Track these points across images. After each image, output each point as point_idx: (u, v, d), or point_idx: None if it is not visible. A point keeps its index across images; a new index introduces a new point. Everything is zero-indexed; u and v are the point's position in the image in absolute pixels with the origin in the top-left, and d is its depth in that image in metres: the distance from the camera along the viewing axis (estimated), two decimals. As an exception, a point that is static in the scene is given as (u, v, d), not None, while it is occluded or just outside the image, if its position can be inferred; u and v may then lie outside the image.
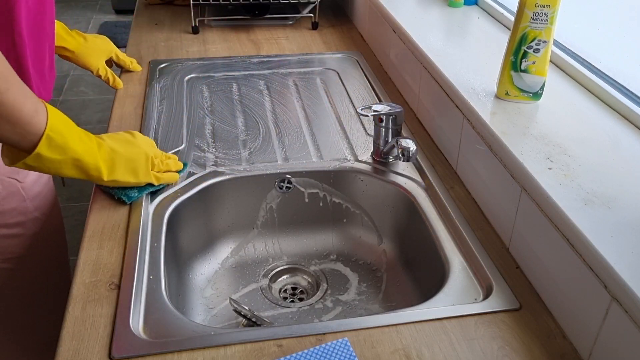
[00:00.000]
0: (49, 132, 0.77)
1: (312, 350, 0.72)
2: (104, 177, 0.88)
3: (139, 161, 0.93)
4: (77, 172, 0.84)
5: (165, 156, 1.01)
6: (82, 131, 0.85)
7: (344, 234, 1.14)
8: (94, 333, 0.74)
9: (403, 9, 1.42)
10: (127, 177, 0.91)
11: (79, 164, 0.83)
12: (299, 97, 1.34)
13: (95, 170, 0.86)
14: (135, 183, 0.94)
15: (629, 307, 0.63)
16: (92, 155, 0.85)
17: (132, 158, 0.92)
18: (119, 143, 0.91)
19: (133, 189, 0.96)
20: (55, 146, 0.79)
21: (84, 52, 1.27)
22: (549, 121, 0.94)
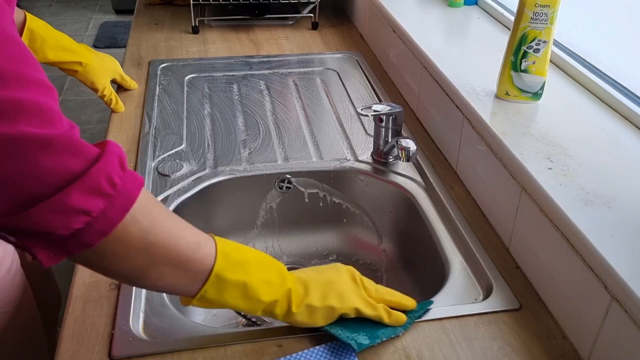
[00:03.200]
0: (218, 270, 0.63)
1: (312, 350, 0.72)
2: (296, 303, 0.69)
3: (342, 281, 0.72)
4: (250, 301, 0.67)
5: (372, 284, 0.76)
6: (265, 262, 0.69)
7: (344, 234, 1.14)
8: (94, 333, 0.74)
9: (403, 9, 1.42)
10: (328, 301, 0.70)
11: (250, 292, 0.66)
12: (299, 97, 1.34)
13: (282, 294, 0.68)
14: (342, 309, 0.71)
15: (629, 307, 0.63)
16: (272, 284, 0.68)
17: (331, 279, 0.72)
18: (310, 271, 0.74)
19: (361, 333, 0.73)
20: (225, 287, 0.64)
21: (94, 67, 1.21)
22: (549, 121, 0.94)
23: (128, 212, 0.55)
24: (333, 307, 0.70)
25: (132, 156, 1.10)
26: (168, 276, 0.61)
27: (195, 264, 0.62)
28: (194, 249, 0.62)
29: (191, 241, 0.62)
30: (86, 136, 3.00)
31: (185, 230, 0.62)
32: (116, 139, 1.15)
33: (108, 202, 0.53)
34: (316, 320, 0.71)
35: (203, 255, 0.63)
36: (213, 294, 0.64)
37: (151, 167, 1.07)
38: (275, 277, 0.68)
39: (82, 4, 4.53)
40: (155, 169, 1.06)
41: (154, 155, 1.10)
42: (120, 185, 0.54)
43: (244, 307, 0.67)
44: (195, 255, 0.62)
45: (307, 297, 0.69)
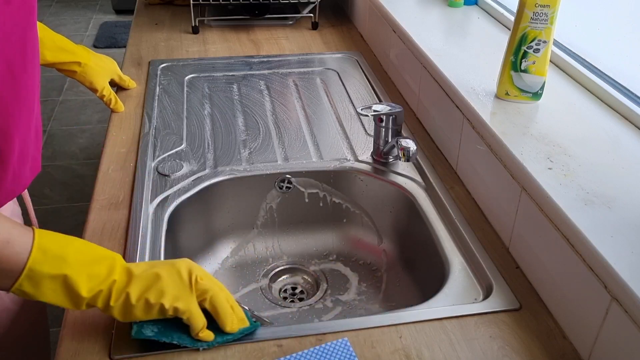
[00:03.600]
0: (32, 264, 0.63)
1: (312, 350, 0.72)
2: (115, 296, 0.67)
3: (170, 277, 0.70)
4: (64, 292, 0.66)
5: (209, 278, 0.73)
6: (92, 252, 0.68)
7: (344, 234, 1.14)
8: (94, 333, 0.74)
9: (403, 9, 1.42)
10: (146, 294, 0.68)
11: (67, 281, 0.65)
12: (299, 97, 1.34)
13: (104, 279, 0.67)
14: (158, 305, 0.68)
15: (629, 307, 0.63)
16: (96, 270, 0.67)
17: (158, 273, 0.69)
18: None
19: (154, 325, 0.72)
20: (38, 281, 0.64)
21: (92, 68, 1.21)
22: (549, 121, 0.94)
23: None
24: (150, 302, 0.68)
25: (132, 156, 1.10)
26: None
27: (1, 262, 0.62)
28: (2, 247, 0.61)
29: (0, 239, 0.61)
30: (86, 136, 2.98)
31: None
32: (116, 139, 1.15)
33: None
34: (134, 315, 0.68)
35: (12, 254, 0.62)
36: (29, 288, 0.64)
37: (151, 167, 1.07)
38: (103, 270, 0.67)
39: (82, 4, 4.53)
40: (155, 169, 1.06)
41: (154, 155, 1.10)
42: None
43: (66, 301, 0.66)
44: (2, 254, 0.62)
45: (127, 287, 0.68)
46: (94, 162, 1.03)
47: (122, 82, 1.32)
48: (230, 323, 0.72)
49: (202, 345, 0.72)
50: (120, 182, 1.03)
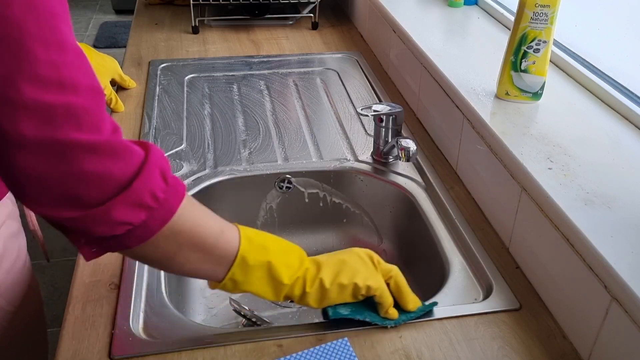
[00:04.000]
0: (243, 252, 0.67)
1: (312, 350, 0.72)
2: (310, 283, 0.70)
3: (355, 260, 0.74)
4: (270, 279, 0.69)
5: (388, 270, 0.77)
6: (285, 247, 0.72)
7: (344, 234, 1.14)
8: (94, 333, 0.74)
9: (403, 9, 1.42)
10: (339, 278, 0.71)
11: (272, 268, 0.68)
12: (299, 97, 1.34)
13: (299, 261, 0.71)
14: (352, 285, 0.72)
15: (629, 307, 0.63)
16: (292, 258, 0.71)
17: (343, 259, 0.74)
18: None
19: (345, 306, 0.75)
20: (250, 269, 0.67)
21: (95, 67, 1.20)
22: (549, 121, 0.94)
23: (167, 222, 0.59)
24: (343, 284, 0.71)
25: (132, 156, 1.10)
26: (193, 261, 0.64)
27: (218, 249, 0.65)
28: (217, 235, 0.65)
29: (215, 228, 0.65)
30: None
31: (210, 218, 0.66)
32: (116, 139, 1.15)
33: (150, 214, 0.57)
34: (329, 299, 0.72)
35: (226, 241, 0.66)
36: (240, 276, 0.67)
37: (151, 167, 1.07)
38: (295, 260, 0.71)
39: (82, 4, 4.53)
40: (155, 169, 1.06)
41: (154, 155, 1.10)
42: (163, 199, 0.58)
43: (269, 289, 0.69)
44: (219, 241, 0.65)
45: (319, 274, 0.71)
46: (94, 162, 1.04)
47: (122, 81, 1.32)
48: (412, 301, 0.76)
49: (389, 322, 0.75)
50: (120, 182, 1.03)
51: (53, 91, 0.49)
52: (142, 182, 0.56)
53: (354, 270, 0.73)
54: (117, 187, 0.55)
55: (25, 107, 0.48)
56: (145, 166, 0.56)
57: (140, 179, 0.56)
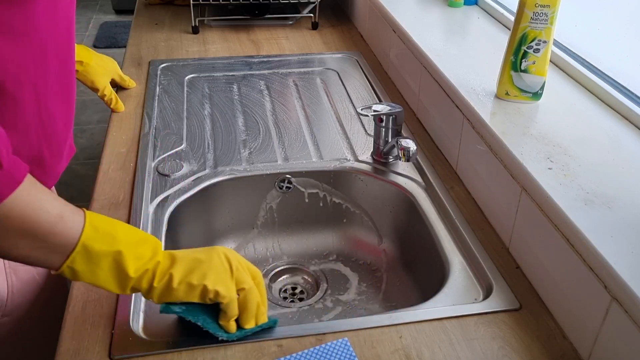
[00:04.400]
0: (85, 240, 0.62)
1: (312, 350, 0.72)
2: (159, 277, 0.67)
3: (212, 261, 0.70)
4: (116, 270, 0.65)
5: (247, 267, 0.73)
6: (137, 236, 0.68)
7: (344, 234, 1.14)
8: (94, 333, 0.74)
9: (403, 9, 1.42)
10: (189, 277, 0.68)
11: (119, 257, 0.65)
12: (299, 97, 1.34)
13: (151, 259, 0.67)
14: (201, 287, 0.68)
15: (629, 307, 0.63)
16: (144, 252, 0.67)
17: (200, 258, 0.70)
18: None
19: (182, 304, 0.71)
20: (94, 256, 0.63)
21: (94, 67, 1.22)
22: (549, 121, 0.94)
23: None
24: (192, 284, 0.68)
25: (132, 156, 1.10)
26: (22, 247, 0.60)
27: (54, 236, 0.61)
28: (55, 222, 0.61)
29: (52, 213, 0.61)
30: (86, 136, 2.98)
31: (47, 202, 0.61)
32: (116, 139, 1.15)
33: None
34: (175, 297, 0.68)
35: (65, 228, 0.61)
36: (81, 265, 0.63)
37: (151, 167, 1.07)
38: (148, 252, 0.67)
39: (82, 4, 4.53)
40: (155, 169, 1.06)
41: (154, 155, 1.10)
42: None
43: (113, 281, 0.65)
44: (55, 228, 0.61)
45: (170, 269, 0.67)
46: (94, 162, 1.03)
47: (122, 81, 1.32)
48: (251, 323, 0.73)
49: (223, 334, 0.72)
50: (120, 182, 1.03)
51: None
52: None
53: (207, 271, 0.68)
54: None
55: None
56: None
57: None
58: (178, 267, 0.68)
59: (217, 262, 0.70)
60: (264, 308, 0.74)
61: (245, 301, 0.71)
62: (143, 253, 0.66)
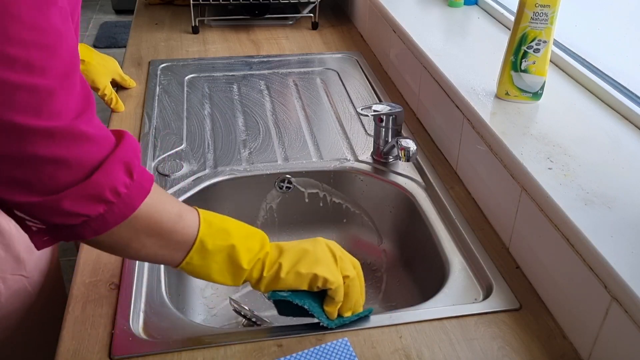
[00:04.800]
0: (202, 236, 0.65)
1: (312, 350, 0.72)
2: (268, 267, 0.69)
3: (317, 251, 0.72)
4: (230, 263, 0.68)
5: (349, 258, 0.75)
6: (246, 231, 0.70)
7: (344, 234, 1.14)
8: (94, 333, 0.74)
9: (403, 9, 1.41)
10: (297, 266, 0.70)
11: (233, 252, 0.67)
12: (299, 97, 1.34)
13: (260, 247, 0.69)
14: (310, 276, 0.70)
15: (629, 307, 0.63)
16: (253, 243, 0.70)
17: (306, 248, 0.72)
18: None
19: (285, 291, 0.72)
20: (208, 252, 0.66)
21: (95, 66, 1.22)
22: (549, 121, 0.94)
23: (127, 217, 0.58)
24: (301, 273, 0.70)
25: (132, 156, 1.10)
26: (150, 246, 0.63)
27: (176, 234, 0.64)
28: (175, 220, 0.63)
29: (173, 213, 0.64)
30: (86, 136, 2.89)
31: (167, 203, 0.64)
32: (116, 139, 1.15)
33: (108, 208, 0.56)
34: (283, 286, 0.70)
35: (185, 226, 0.64)
36: (198, 260, 0.66)
37: (151, 167, 1.07)
38: (257, 244, 0.69)
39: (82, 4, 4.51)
40: (155, 169, 1.06)
41: (154, 155, 1.10)
42: (125, 194, 0.56)
43: (228, 274, 0.68)
44: (176, 226, 0.64)
45: (279, 259, 0.70)
46: (94, 162, 1.04)
47: (123, 81, 1.32)
48: (350, 311, 0.75)
49: (324, 321, 0.73)
50: (120, 182, 1.03)
51: (19, 71, 0.47)
52: (102, 175, 0.54)
53: (314, 260, 0.71)
54: (75, 177, 0.53)
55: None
56: (109, 158, 0.54)
57: (101, 172, 0.54)
58: (286, 256, 0.70)
59: (322, 252, 0.72)
60: (362, 298, 0.76)
61: (348, 289, 0.73)
62: (253, 245, 0.69)
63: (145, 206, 0.60)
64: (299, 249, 0.72)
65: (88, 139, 0.53)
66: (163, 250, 0.64)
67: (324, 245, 0.73)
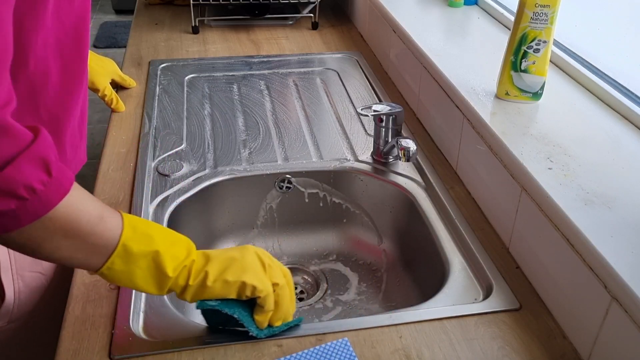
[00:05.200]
0: (125, 240, 0.63)
1: (312, 350, 0.72)
2: (194, 275, 0.67)
3: (245, 258, 0.70)
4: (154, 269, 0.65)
5: (278, 266, 0.74)
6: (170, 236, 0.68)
7: (344, 234, 1.14)
8: (94, 333, 0.74)
9: (403, 9, 1.42)
10: (224, 275, 0.68)
11: (158, 257, 0.65)
12: (299, 97, 1.34)
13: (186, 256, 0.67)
14: (237, 284, 0.69)
15: (629, 307, 0.63)
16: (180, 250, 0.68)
17: (234, 256, 0.70)
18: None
19: (235, 307, 0.71)
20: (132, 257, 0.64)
21: (94, 68, 1.22)
22: (549, 121, 0.94)
23: (41, 217, 0.55)
24: (228, 281, 0.68)
25: (132, 156, 1.10)
26: (65, 249, 0.60)
27: (95, 237, 0.61)
28: (96, 222, 0.60)
29: (93, 214, 0.60)
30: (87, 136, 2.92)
31: (88, 203, 0.61)
32: (116, 139, 1.15)
33: (21, 204, 0.53)
34: (210, 295, 0.68)
35: (106, 229, 0.61)
36: (120, 265, 0.63)
37: (151, 167, 1.07)
38: (183, 251, 0.67)
39: (82, 4, 4.52)
40: (155, 169, 1.06)
41: (154, 155, 1.10)
42: (40, 191, 0.54)
43: (152, 281, 0.65)
44: (96, 229, 0.60)
45: (205, 267, 0.67)
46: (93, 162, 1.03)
47: (123, 81, 1.32)
48: (280, 321, 0.73)
49: (254, 330, 0.72)
50: (120, 182, 1.03)
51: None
52: (14, 170, 0.51)
53: (242, 267, 0.69)
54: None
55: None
56: (24, 153, 0.52)
57: (13, 166, 0.51)
58: (213, 265, 0.68)
59: (250, 259, 0.70)
60: (293, 307, 0.75)
61: (278, 297, 0.71)
62: (178, 253, 0.66)
63: (63, 206, 0.57)
64: (226, 256, 0.69)
65: (6, 130, 0.51)
66: (79, 253, 0.61)
67: (253, 253, 0.71)
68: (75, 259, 0.61)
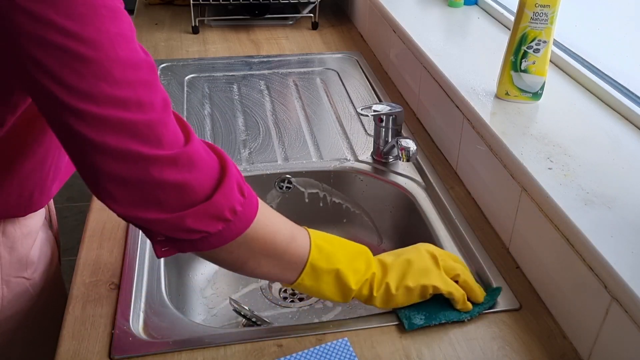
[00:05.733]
0: (312, 261, 0.70)
1: (312, 350, 0.72)
2: (377, 287, 0.73)
3: (420, 260, 0.75)
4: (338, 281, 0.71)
5: (449, 256, 0.79)
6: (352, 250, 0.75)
7: (344, 234, 1.14)
8: (94, 333, 0.74)
9: (403, 9, 1.42)
10: (405, 281, 0.73)
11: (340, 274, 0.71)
12: (299, 97, 1.34)
13: (366, 265, 0.73)
14: (420, 288, 0.74)
15: (629, 307, 0.63)
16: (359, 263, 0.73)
17: (409, 259, 0.75)
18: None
19: (420, 312, 0.76)
20: (319, 274, 0.70)
21: None
22: (549, 121, 0.94)
23: (242, 233, 0.62)
24: (410, 287, 0.73)
25: (132, 156, 1.10)
26: (264, 266, 0.67)
27: (288, 255, 0.68)
28: (289, 242, 0.68)
29: (287, 235, 0.68)
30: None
31: (281, 224, 0.69)
32: (116, 139, 1.15)
33: (226, 225, 0.60)
34: (395, 302, 0.74)
35: (297, 247, 0.69)
36: (309, 281, 0.70)
37: (151, 167, 1.07)
38: (362, 264, 0.73)
39: (82, 4, 4.52)
40: (155, 169, 1.06)
41: (154, 155, 1.10)
42: (240, 212, 0.61)
43: (338, 293, 0.72)
44: (289, 248, 0.68)
45: (385, 278, 0.73)
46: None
47: None
48: (481, 295, 0.78)
49: (465, 316, 0.76)
50: (120, 182, 1.03)
51: (134, 110, 0.52)
52: (222, 196, 0.59)
53: (420, 271, 0.74)
54: (197, 197, 0.57)
55: (110, 123, 0.52)
56: (225, 180, 0.59)
57: (220, 193, 0.58)
58: (392, 274, 0.74)
59: (425, 260, 0.75)
60: (479, 288, 0.79)
61: (466, 283, 0.76)
62: (359, 267, 0.72)
63: (262, 228, 0.65)
64: (401, 261, 0.75)
65: (202, 161, 0.58)
66: (276, 269, 0.69)
67: (424, 252, 0.76)
68: (272, 274, 0.70)
